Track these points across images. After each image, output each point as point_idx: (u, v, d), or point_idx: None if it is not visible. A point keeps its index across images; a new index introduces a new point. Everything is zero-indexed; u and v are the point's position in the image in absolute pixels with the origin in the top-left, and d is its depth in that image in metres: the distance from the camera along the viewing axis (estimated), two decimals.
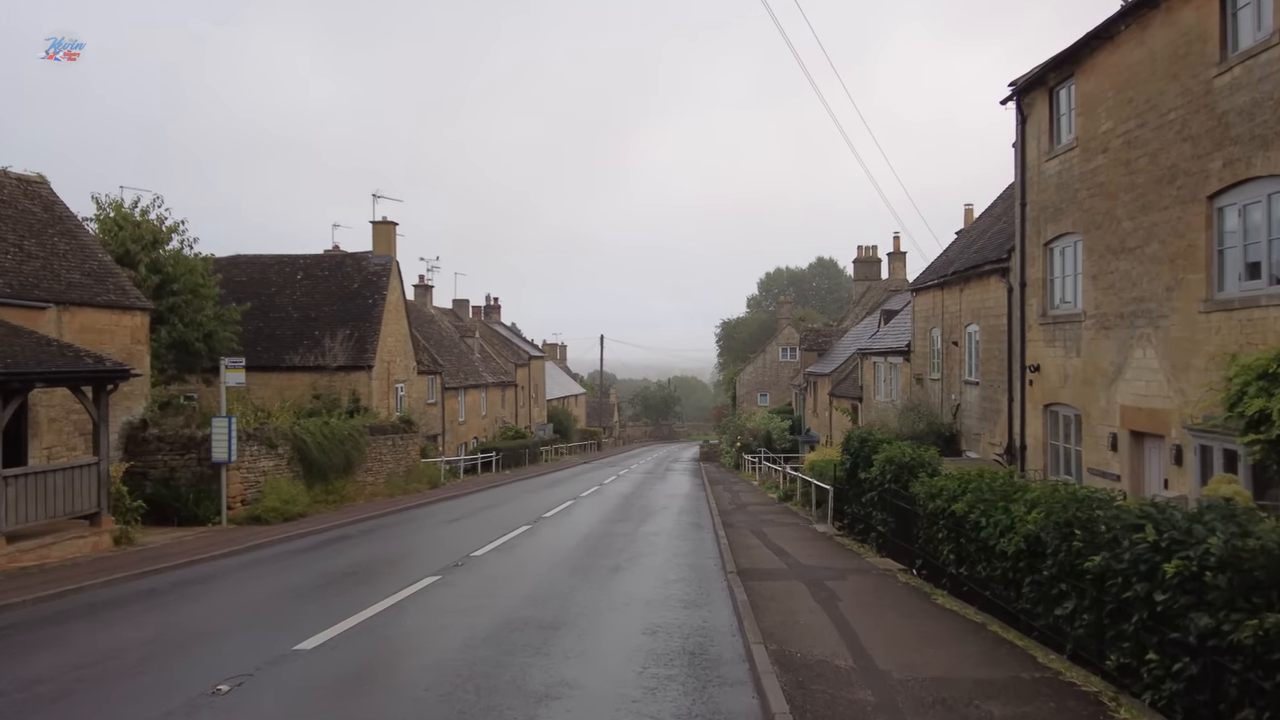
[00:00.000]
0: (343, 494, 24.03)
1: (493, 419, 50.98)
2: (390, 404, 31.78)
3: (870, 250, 51.81)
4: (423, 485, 29.11)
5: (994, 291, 19.25)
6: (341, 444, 24.29)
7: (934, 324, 24.13)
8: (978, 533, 9.90)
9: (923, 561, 12.26)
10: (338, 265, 33.15)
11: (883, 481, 13.94)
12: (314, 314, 31.73)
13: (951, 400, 22.23)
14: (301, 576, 13.39)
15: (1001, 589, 9.53)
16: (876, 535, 14.72)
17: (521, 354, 58.96)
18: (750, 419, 50.12)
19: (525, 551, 15.66)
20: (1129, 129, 13.54)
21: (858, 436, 16.13)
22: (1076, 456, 15.36)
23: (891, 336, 30.69)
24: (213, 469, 19.44)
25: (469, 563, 14.20)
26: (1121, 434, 13.68)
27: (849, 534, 16.85)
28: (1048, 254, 16.61)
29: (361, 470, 25.86)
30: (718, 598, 11.25)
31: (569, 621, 9.87)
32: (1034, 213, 17.05)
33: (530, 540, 17.13)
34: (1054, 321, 16.05)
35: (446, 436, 42.74)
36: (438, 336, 47.76)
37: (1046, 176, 16.50)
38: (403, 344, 33.60)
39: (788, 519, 20.58)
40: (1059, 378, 15.80)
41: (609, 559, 14.58)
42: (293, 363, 30.22)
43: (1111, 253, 14.04)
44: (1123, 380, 13.63)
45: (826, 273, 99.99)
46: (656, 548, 16.01)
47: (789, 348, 60.15)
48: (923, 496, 11.83)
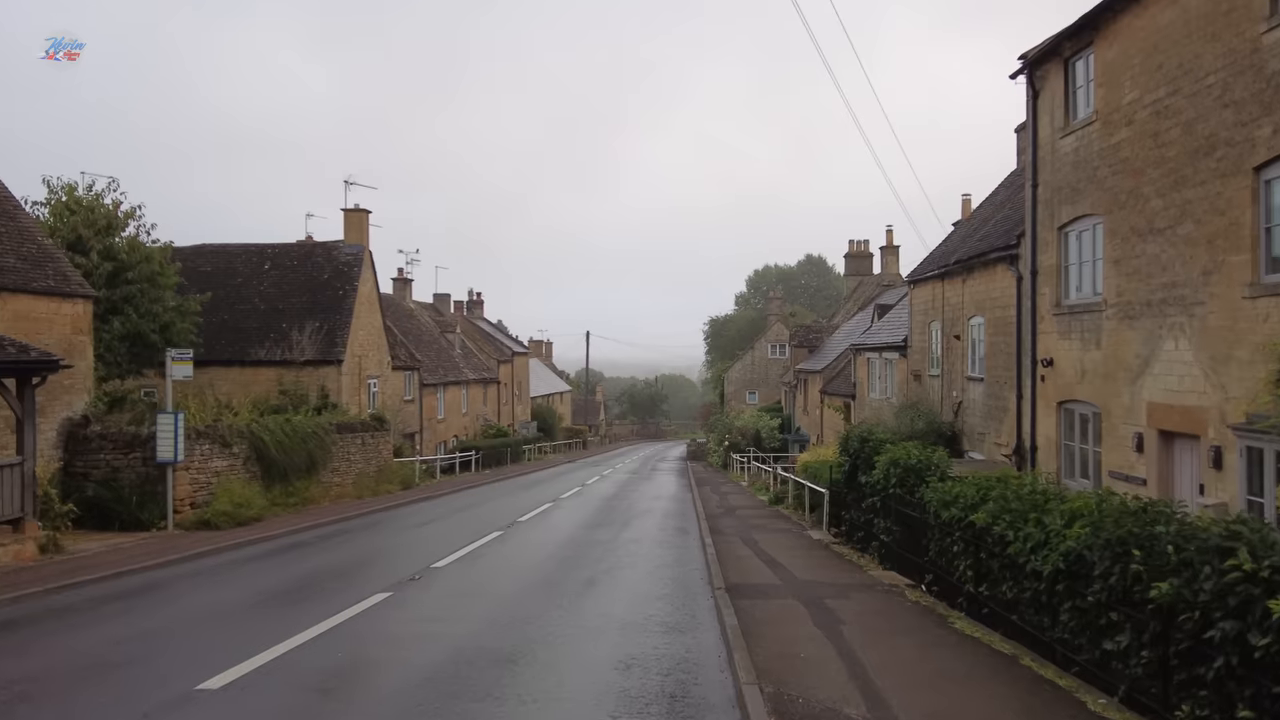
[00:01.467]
0: (305, 496, 22.55)
1: (474, 417, 49.49)
2: (362, 400, 30.30)
3: (862, 245, 50.48)
4: (394, 486, 27.65)
5: (1001, 281, 17.98)
6: (304, 442, 22.81)
7: (933, 317, 22.85)
8: (1003, 548, 8.59)
9: (934, 577, 10.94)
10: (307, 255, 31.64)
11: (887, 486, 12.59)
12: (282, 306, 30.24)
13: (953, 398, 20.95)
14: (237, 592, 11.96)
15: (1033, 614, 8.21)
16: (879, 545, 13.37)
17: (505, 350, 57.46)
18: (739, 417, 48.79)
19: (492, 562, 14.24)
20: (1158, 98, 12.26)
21: (858, 436, 14.74)
22: (1095, 458, 14.09)
23: (887, 331, 29.42)
24: (158, 469, 17.94)
25: (427, 576, 12.79)
26: (1148, 434, 12.41)
27: (847, 542, 15.49)
28: (1062, 239, 15.33)
29: (327, 470, 24.39)
30: (704, 620, 9.86)
31: (530, 653, 8.47)
32: (1047, 194, 15.77)
33: (500, 549, 15.71)
34: (1069, 312, 14.78)
35: (425, 435, 41.24)
36: (417, 331, 46.24)
37: (1061, 155, 15.23)
38: (376, 338, 32.11)
39: (780, 524, 19.23)
40: (1075, 373, 14.53)
41: (584, 571, 13.19)
42: (258, 357, 28.77)
43: (1137, 235, 12.77)
44: (1150, 375, 12.37)
45: (816, 270, 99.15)
46: (637, 558, 14.62)
47: (778, 345, 58.80)
48: (934, 504, 10.50)
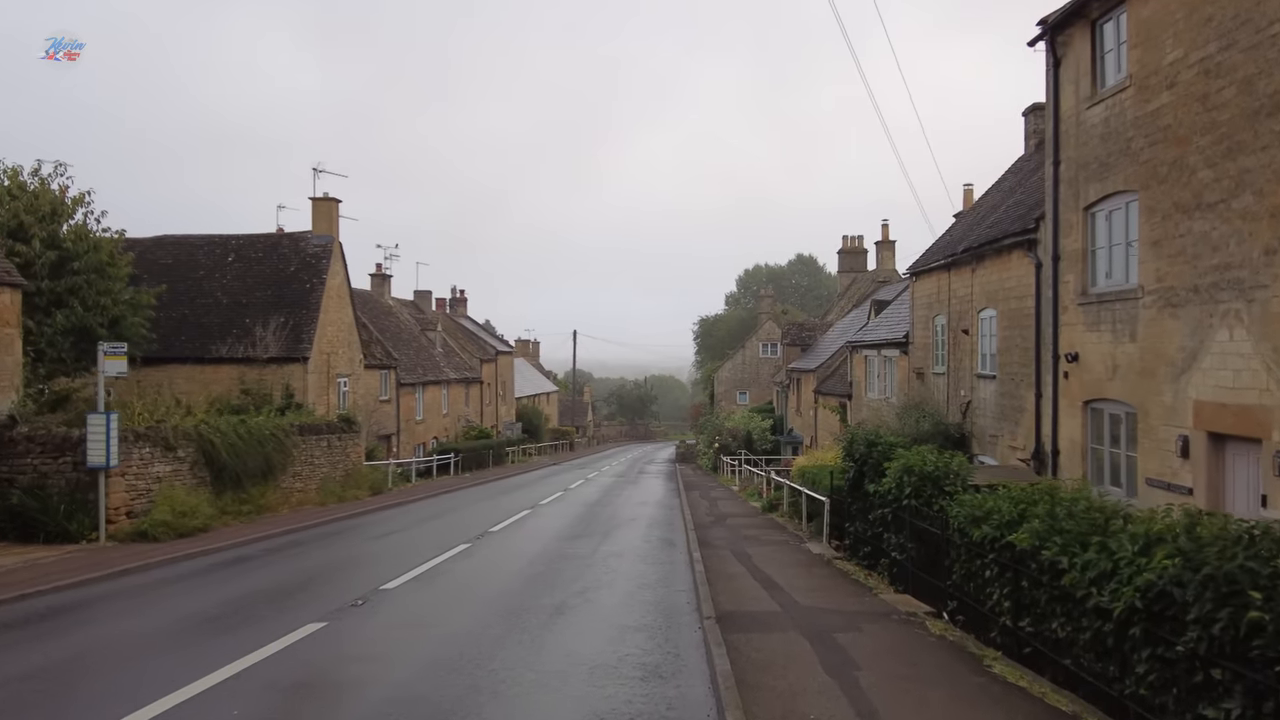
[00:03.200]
0: (261, 503, 20.84)
1: (455, 418, 47.75)
2: (331, 400, 28.59)
3: (855, 240, 48.93)
4: (363, 492, 25.95)
5: (1016, 269, 16.46)
6: (260, 445, 21.10)
7: (938, 311, 21.33)
8: (1054, 577, 7.03)
9: (959, 604, 9.37)
10: (273, 247, 29.89)
11: (899, 497, 11.01)
12: (245, 300, 28.50)
13: (960, 397, 19.43)
14: (150, 619, 10.31)
15: (1094, 660, 6.65)
16: (890, 564, 11.78)
17: (488, 349, 55.73)
18: (729, 418, 47.18)
19: (450, 582, 12.58)
20: (1208, 54, 10.74)
21: (864, 440, 13.14)
22: (1129, 464, 12.57)
23: (885, 328, 27.90)
24: (90, 475, 16.23)
25: (373, 601, 11.14)
26: (1195, 436, 10.89)
27: (851, 557, 13.90)
28: (1088, 220, 13.82)
29: (288, 475, 22.69)
30: (690, 662, 8.24)
31: (473, 709, 6.84)
32: (1070, 172, 14.26)
33: (462, 566, 14.06)
34: (1098, 300, 13.26)
35: (402, 436, 39.52)
36: (395, 329, 44.51)
37: (1088, 127, 13.71)
38: (347, 334, 30.39)
39: (774, 535, 17.64)
40: (1105, 368, 13.01)
41: (554, 594, 11.56)
42: (220, 354, 27.04)
43: (1181, 211, 11.25)
44: (1198, 370, 10.85)
45: (807, 270, 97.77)
46: (617, 576, 12.99)
47: (770, 343, 57.21)
48: (960, 520, 8.93)
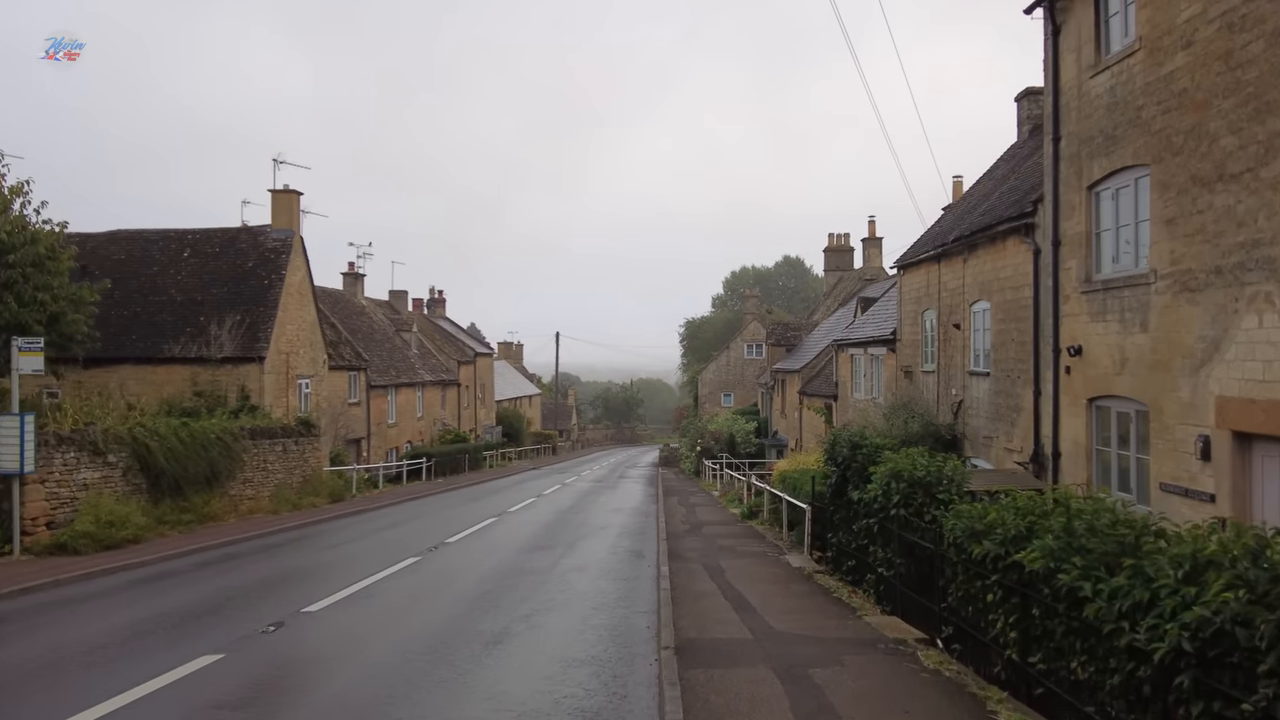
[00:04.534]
0: (204, 512, 19.41)
1: (431, 421, 46.28)
2: (291, 402, 27.14)
3: (842, 238, 47.72)
4: (322, 499, 24.51)
5: (1012, 257, 15.25)
6: (204, 450, 19.68)
7: (927, 305, 20.11)
8: (1074, 607, 5.75)
9: (955, 631, 8.09)
10: (230, 241, 28.43)
11: (886, 506, 9.72)
12: (200, 297, 27.04)
13: (951, 396, 18.19)
14: (20, 651, 8.90)
15: (1126, 710, 5.37)
16: (876, 580, 10.48)
17: (467, 351, 54.25)
18: (711, 421, 45.86)
19: (384, 604, 11.21)
20: (1231, 6, 9.53)
21: (847, 441, 11.84)
22: (1139, 467, 11.34)
23: (872, 325, 26.68)
24: (4, 483, 14.83)
25: (290, 625, 9.78)
26: (1218, 436, 9.67)
27: (834, 571, 12.59)
28: (1093, 200, 12.60)
29: (237, 482, 21.28)
30: (639, 706, 6.90)
31: None
32: (1072, 148, 13.05)
33: (405, 583, 12.68)
34: (1104, 288, 12.04)
35: (372, 440, 38.06)
36: (368, 330, 43.05)
37: (1091, 98, 12.50)
38: (309, 333, 28.95)
39: (752, 546, 16.33)
40: (1112, 362, 11.79)
41: (497, 618, 10.21)
42: (172, 353, 25.59)
43: (1200, 184, 10.04)
44: (1221, 361, 9.63)
45: (794, 272, 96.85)
46: (573, 595, 11.64)
47: (755, 344, 55.93)
48: (958, 534, 7.65)
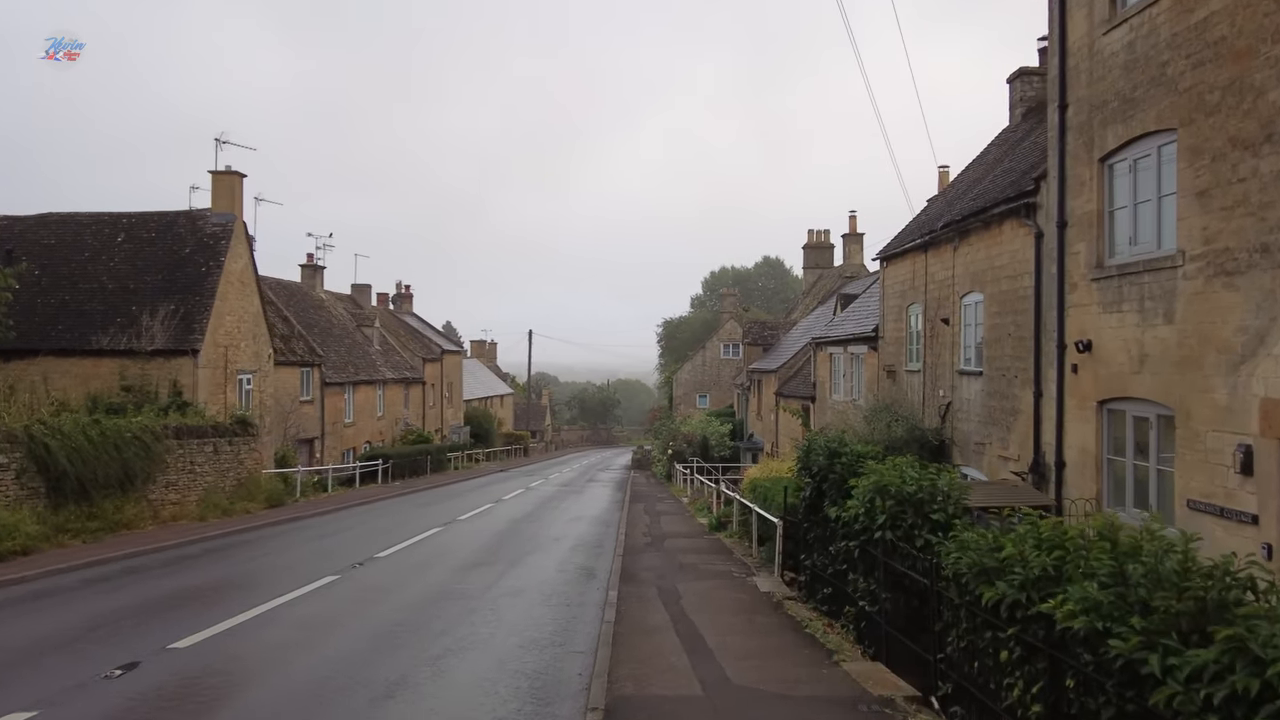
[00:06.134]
0: (116, 519, 17.53)
1: (393, 420, 44.33)
2: (230, 399, 25.20)
3: (822, 235, 46.15)
4: (257, 504, 22.61)
5: (1009, 242, 13.69)
6: (117, 450, 17.80)
7: (912, 299, 18.55)
8: (1129, 683, 4.10)
9: (955, 689, 6.42)
10: (168, 226, 26.44)
11: (870, 527, 8.04)
12: (133, 285, 25.08)
13: (939, 397, 16.63)
14: None
15: None
16: (856, 614, 8.81)
17: (433, 348, 52.28)
18: (685, 423, 44.16)
19: (274, 637, 9.43)
20: None
21: (824, 448, 10.14)
22: (1160, 481, 9.78)
23: (852, 322, 25.13)
24: None
25: (140, 670, 8.00)
26: (1263, 446, 8.13)
27: (809, 599, 10.89)
28: (1106, 174, 11.04)
29: (158, 486, 19.39)
30: None
31: None
32: (1081, 116, 11.49)
33: (310, 609, 10.87)
34: (1119, 273, 10.48)
35: (327, 441, 36.10)
36: (326, 324, 41.07)
37: (1106, 57, 10.94)
38: (251, 325, 27.00)
39: (717, 563, 14.63)
40: (1128, 359, 10.23)
41: (400, 661, 8.44)
42: (100, 345, 23.63)
43: (1242, 148, 8.48)
44: (1269, 356, 8.09)
45: (773, 272, 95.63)
46: (501, 628, 9.88)
47: (731, 344, 54.30)
48: (960, 570, 5.98)
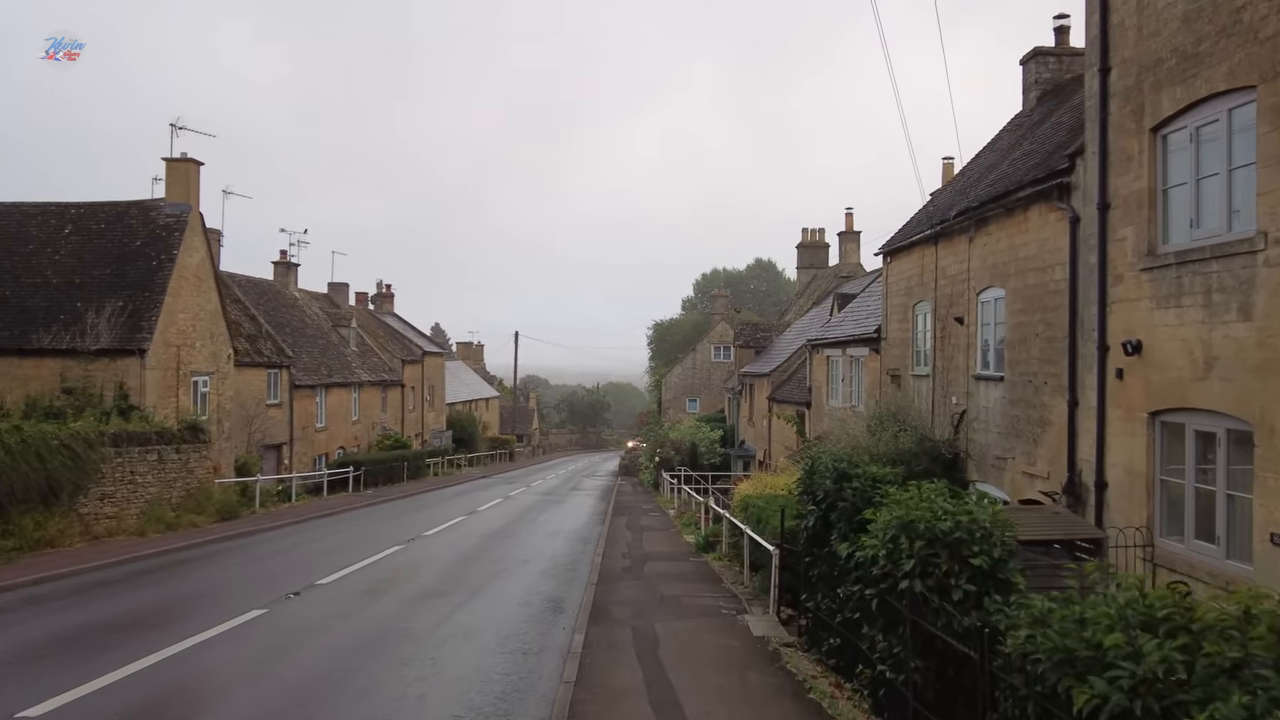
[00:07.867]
0: (38, 536, 15.83)
1: (369, 425, 42.52)
2: (183, 403, 23.43)
3: (817, 234, 44.57)
4: (206, 517, 20.84)
5: (1036, 230, 12.06)
6: (41, 460, 16.08)
7: (920, 297, 16.93)
8: None
9: None
10: (119, 217, 24.68)
11: (893, 573, 6.37)
12: (79, 280, 23.33)
13: (951, 405, 14.99)
14: None
15: None
16: (874, 679, 7.13)
17: (414, 349, 50.49)
18: (673, 428, 42.46)
19: (143, 704, 7.70)
20: None
21: (830, 468, 8.42)
22: (1231, 508, 8.16)
23: (851, 323, 23.51)
24: None
25: None
26: None
27: (810, 646, 9.20)
28: (1159, 145, 9.41)
29: (92, 498, 17.67)
30: None
31: None
32: (1129, 80, 9.87)
33: (212, 657, 9.15)
34: (1178, 261, 8.85)
35: (296, 446, 34.29)
36: (299, 323, 39.28)
37: (1160, 8, 9.32)
38: (208, 324, 25.23)
39: (704, 595, 12.95)
40: (1190, 362, 8.61)
41: None
42: (42, 344, 21.88)
43: None
44: None
45: (765, 275, 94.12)
46: (434, 689, 8.12)
47: (723, 346, 52.63)
48: (1037, 655, 4.30)
